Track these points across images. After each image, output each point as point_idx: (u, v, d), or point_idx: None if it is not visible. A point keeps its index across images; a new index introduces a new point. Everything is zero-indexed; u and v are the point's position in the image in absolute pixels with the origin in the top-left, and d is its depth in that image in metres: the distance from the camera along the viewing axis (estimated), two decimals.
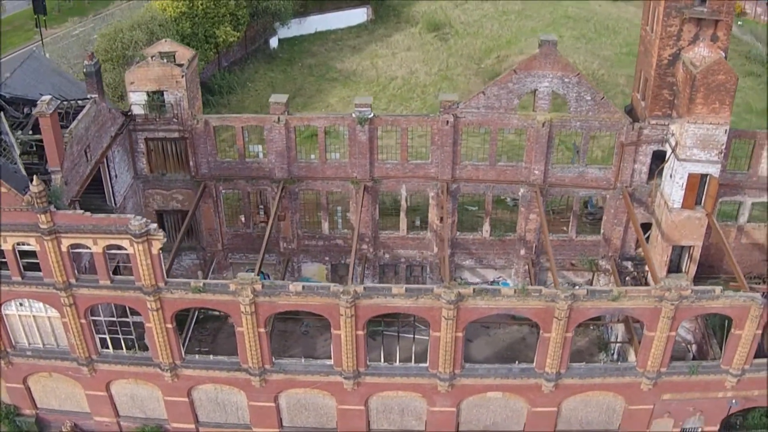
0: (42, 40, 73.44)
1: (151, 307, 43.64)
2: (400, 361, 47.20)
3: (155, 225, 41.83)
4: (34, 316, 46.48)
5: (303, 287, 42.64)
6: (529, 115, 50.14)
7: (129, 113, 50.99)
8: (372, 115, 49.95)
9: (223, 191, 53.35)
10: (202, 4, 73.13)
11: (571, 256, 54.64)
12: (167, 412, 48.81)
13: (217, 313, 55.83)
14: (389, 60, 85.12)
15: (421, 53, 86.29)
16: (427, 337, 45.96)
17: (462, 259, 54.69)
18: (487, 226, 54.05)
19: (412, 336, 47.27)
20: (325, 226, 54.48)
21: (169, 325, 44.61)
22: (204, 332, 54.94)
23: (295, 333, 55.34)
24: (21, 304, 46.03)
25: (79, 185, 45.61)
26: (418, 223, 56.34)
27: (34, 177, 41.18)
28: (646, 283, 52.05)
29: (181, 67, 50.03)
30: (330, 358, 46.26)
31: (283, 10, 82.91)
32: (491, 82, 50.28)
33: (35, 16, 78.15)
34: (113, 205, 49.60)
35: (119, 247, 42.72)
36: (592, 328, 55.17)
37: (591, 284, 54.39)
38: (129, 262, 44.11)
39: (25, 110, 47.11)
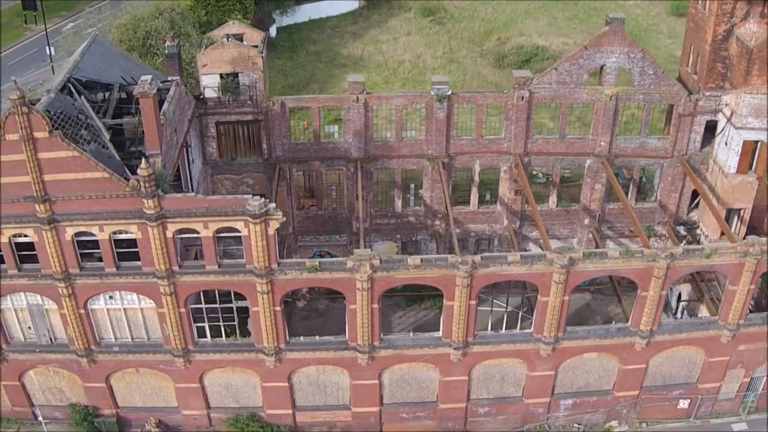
0: (46, 32, 71.20)
1: (261, 290, 42.90)
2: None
3: (274, 204, 41.41)
4: (124, 309, 44.67)
5: (422, 260, 43.06)
6: (597, 89, 51.81)
7: (201, 97, 50.14)
8: (450, 92, 50.66)
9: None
10: None
11: (628, 224, 56.45)
12: (264, 399, 47.95)
13: None
14: (392, 45, 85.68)
15: (421, 37, 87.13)
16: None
17: (529, 230, 56.01)
18: (554, 198, 55.51)
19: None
20: (398, 203, 54.87)
21: (278, 308, 44.02)
22: None
23: None
24: (111, 297, 44.22)
25: (173, 169, 44.57)
26: (488, 197, 57.26)
27: (143, 160, 39.80)
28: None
29: (257, 48, 49.61)
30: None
31: None
32: (563, 59, 51.75)
33: (24, 13, 75.62)
34: (191, 191, 48.51)
35: (232, 230, 42.05)
36: None
37: None
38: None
39: (100, 94, 45.79)
